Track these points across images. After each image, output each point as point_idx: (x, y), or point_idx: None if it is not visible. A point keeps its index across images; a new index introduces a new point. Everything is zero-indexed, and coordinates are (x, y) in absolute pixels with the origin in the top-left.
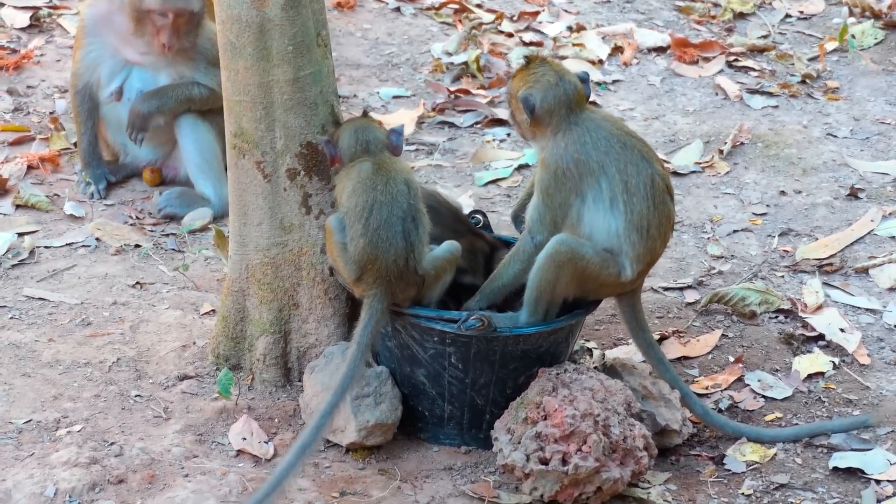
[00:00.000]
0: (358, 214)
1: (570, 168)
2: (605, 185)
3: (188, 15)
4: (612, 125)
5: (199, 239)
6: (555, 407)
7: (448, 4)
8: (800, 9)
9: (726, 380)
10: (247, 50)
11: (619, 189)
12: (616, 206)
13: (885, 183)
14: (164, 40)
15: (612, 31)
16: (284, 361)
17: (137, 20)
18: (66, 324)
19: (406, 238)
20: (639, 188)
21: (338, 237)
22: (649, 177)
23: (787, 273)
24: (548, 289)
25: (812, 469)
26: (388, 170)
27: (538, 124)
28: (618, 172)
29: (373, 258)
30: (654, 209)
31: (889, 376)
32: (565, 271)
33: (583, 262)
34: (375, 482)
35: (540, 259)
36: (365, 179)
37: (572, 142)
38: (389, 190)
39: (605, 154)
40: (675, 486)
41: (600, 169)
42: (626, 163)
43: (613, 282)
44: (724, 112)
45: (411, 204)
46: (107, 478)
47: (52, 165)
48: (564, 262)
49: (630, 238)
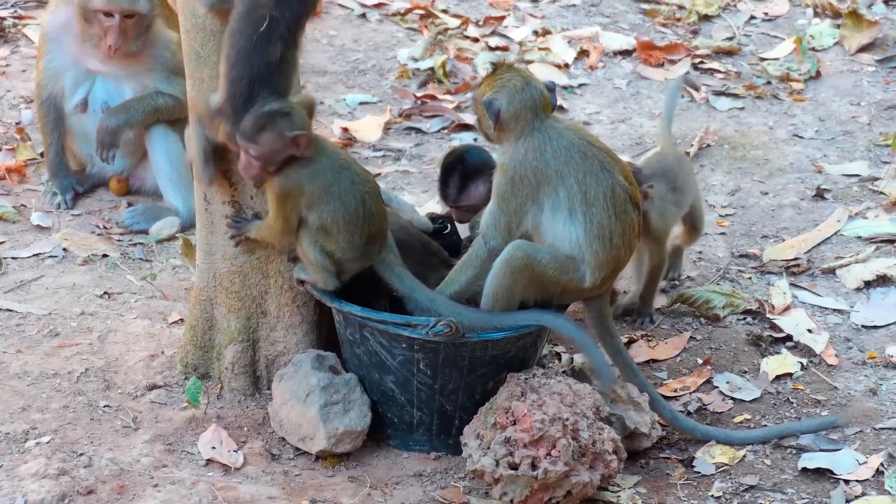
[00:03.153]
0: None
1: (528, 175)
2: (563, 195)
3: (136, 17)
4: (575, 134)
5: (166, 248)
6: (524, 412)
7: (414, 10)
8: (764, 10)
9: (695, 382)
10: (212, 59)
11: (577, 199)
12: (575, 215)
13: (850, 183)
14: (111, 41)
15: (578, 35)
16: (253, 370)
17: (86, 21)
18: (33, 335)
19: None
20: (598, 198)
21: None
22: (609, 187)
23: (755, 274)
24: (504, 294)
25: (781, 470)
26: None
27: (503, 129)
28: (576, 182)
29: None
30: (615, 219)
31: (857, 376)
32: (521, 277)
33: (539, 268)
34: (345, 489)
35: (496, 265)
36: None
37: (532, 149)
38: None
39: (564, 164)
40: (645, 490)
41: (558, 178)
42: (586, 173)
43: (575, 287)
44: (690, 114)
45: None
46: (76, 489)
47: (18, 176)
48: (520, 267)
49: (592, 247)
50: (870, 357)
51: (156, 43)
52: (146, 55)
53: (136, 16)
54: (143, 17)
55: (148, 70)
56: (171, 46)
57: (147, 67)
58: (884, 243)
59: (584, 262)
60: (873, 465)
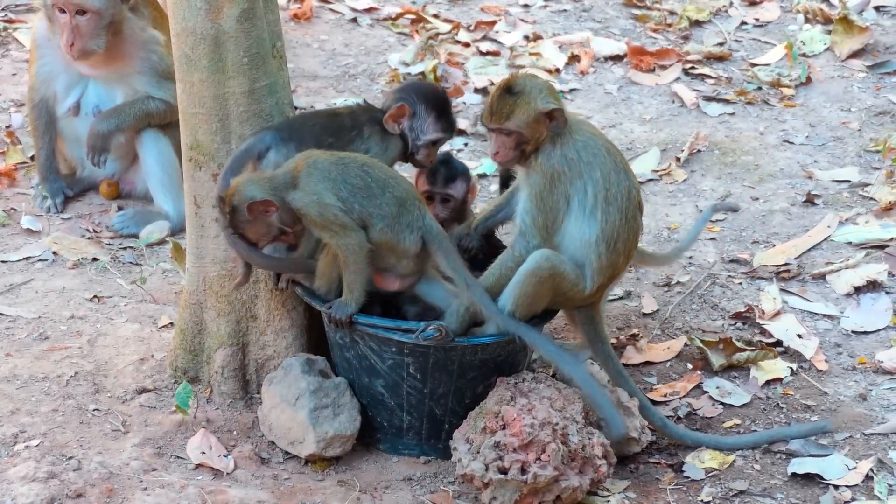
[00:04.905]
0: (361, 188)
1: (564, 170)
2: (590, 190)
3: (90, 14)
4: (590, 129)
5: (156, 252)
6: (513, 416)
7: (405, 15)
8: (755, 16)
9: (685, 387)
10: (202, 62)
11: (601, 196)
12: (595, 213)
13: (841, 189)
14: (65, 38)
15: (569, 40)
16: (243, 374)
17: (49, 20)
18: (23, 338)
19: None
20: (616, 198)
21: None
22: (627, 188)
23: (745, 280)
24: (527, 302)
25: (771, 475)
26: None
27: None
28: (602, 178)
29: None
30: (625, 222)
31: (846, 382)
32: (545, 286)
33: (560, 278)
34: (335, 493)
35: (522, 273)
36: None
37: (566, 144)
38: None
39: (593, 156)
40: (635, 494)
41: (588, 172)
42: (610, 170)
43: (575, 294)
44: (680, 119)
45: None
46: (65, 492)
47: (8, 180)
48: (546, 277)
49: (598, 249)
50: (860, 362)
51: (138, 44)
52: (131, 57)
53: (88, 12)
54: (99, 15)
55: (136, 73)
56: (158, 50)
57: (135, 70)
58: (874, 249)
59: (587, 266)
60: (863, 471)
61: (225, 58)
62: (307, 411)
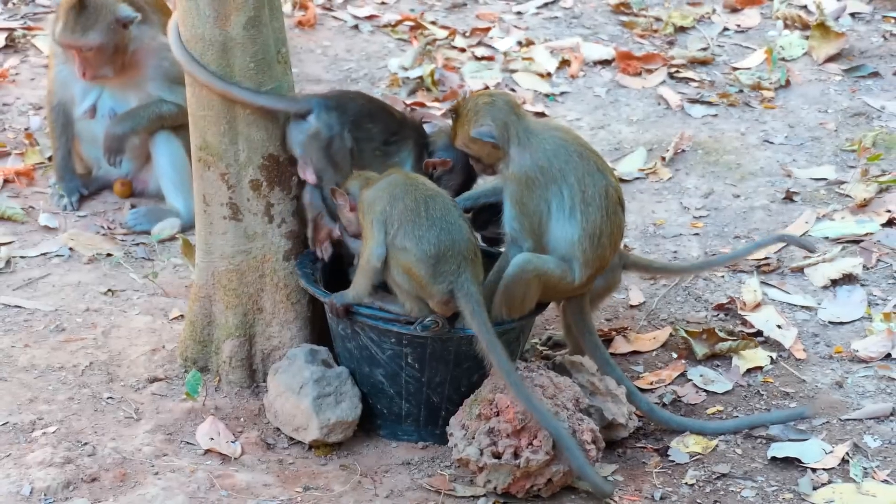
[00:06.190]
0: (412, 213)
1: (537, 176)
2: (566, 194)
3: (94, 50)
4: (563, 134)
5: (167, 248)
6: (507, 403)
7: (404, 22)
8: (737, 22)
9: (670, 375)
10: (210, 67)
11: (577, 198)
12: (574, 215)
13: (818, 187)
14: (78, 69)
15: (560, 46)
16: (249, 363)
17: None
18: (40, 330)
19: (464, 219)
20: (594, 198)
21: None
22: (604, 188)
23: (727, 273)
24: (516, 304)
25: (751, 459)
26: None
27: (500, 147)
28: (577, 182)
29: (448, 243)
30: (606, 219)
31: (824, 370)
32: (532, 287)
33: (546, 277)
34: (337, 477)
35: (507, 279)
36: (397, 185)
37: (533, 151)
38: (423, 186)
39: (565, 163)
40: (622, 477)
41: (562, 177)
42: (584, 173)
43: (565, 287)
44: (666, 121)
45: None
46: (80, 476)
47: (27, 179)
48: (531, 279)
49: (582, 246)
50: (836, 352)
51: (150, 53)
52: (144, 65)
53: (93, 49)
54: (103, 49)
55: (149, 79)
56: (169, 56)
57: (148, 76)
58: (849, 244)
59: (575, 260)
60: (839, 455)
61: (232, 63)
62: (311, 399)
